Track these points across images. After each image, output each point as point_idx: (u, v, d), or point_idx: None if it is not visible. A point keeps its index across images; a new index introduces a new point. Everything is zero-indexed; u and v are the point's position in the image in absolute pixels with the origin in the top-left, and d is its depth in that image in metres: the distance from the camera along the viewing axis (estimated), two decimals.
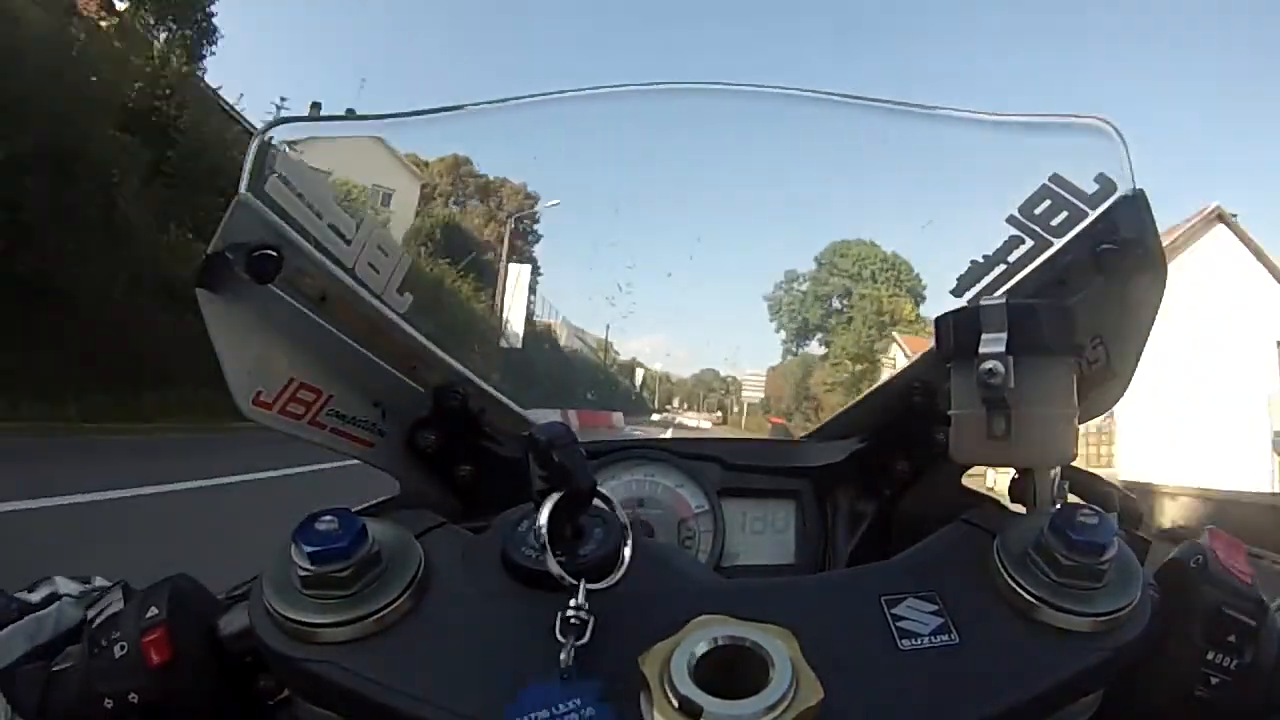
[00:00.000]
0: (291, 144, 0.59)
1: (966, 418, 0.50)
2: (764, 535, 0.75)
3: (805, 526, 0.74)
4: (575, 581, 0.40)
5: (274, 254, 0.56)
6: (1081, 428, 0.52)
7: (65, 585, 0.52)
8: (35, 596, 0.50)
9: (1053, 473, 0.51)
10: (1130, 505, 0.61)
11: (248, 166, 0.54)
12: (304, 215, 0.57)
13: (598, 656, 0.38)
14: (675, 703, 0.32)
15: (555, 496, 0.42)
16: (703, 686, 0.33)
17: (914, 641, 0.40)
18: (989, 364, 0.46)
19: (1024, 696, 0.38)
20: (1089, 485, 0.60)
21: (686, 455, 0.76)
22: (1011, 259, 0.61)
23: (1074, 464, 0.54)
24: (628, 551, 0.43)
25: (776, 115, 0.68)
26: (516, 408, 0.75)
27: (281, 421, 0.61)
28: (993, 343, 0.46)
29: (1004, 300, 0.47)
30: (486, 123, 0.65)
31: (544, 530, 0.41)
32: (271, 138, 0.55)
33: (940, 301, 0.61)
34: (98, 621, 0.46)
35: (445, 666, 0.39)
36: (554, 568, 0.40)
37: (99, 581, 0.53)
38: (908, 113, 0.63)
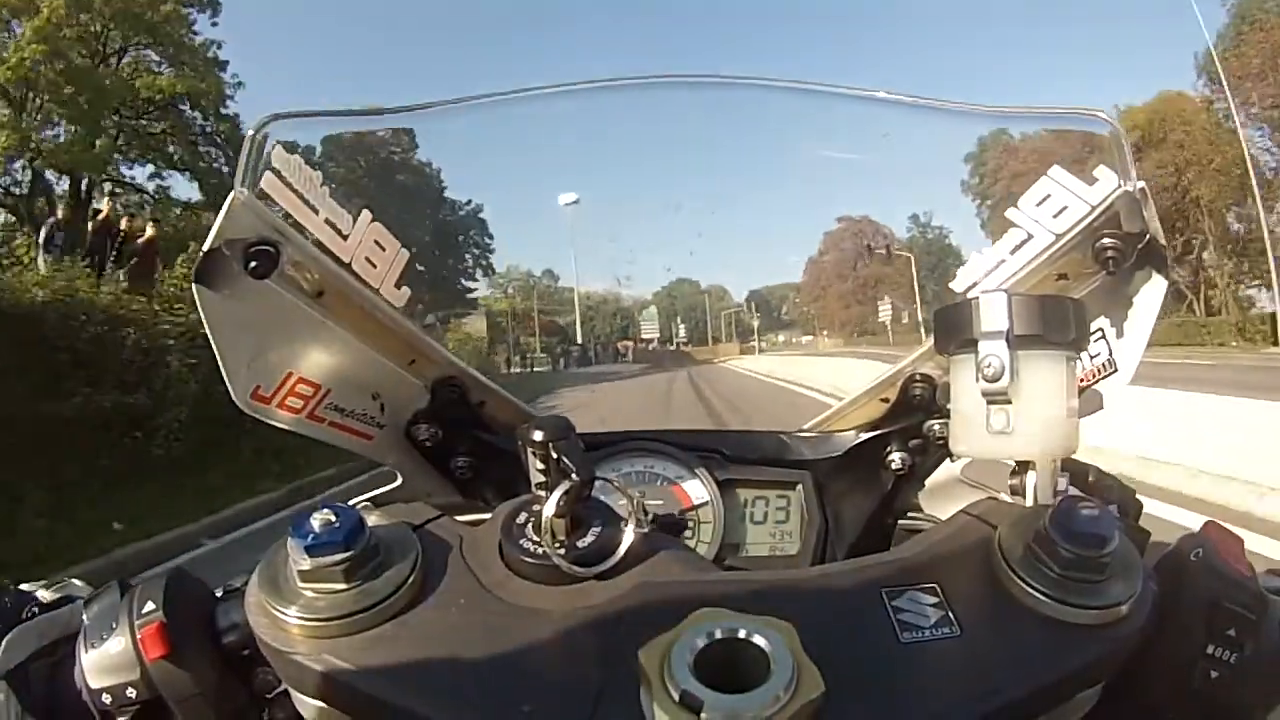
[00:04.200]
0: (287, 139, 0.58)
1: (966, 411, 0.49)
2: (765, 527, 0.75)
3: (806, 519, 0.74)
4: (580, 574, 0.40)
5: (271, 249, 0.55)
6: None
7: (80, 589, 0.52)
8: (50, 596, 0.50)
9: (1053, 465, 0.51)
10: (1129, 498, 0.61)
11: (243, 162, 0.54)
12: (300, 210, 0.56)
13: (596, 650, 0.38)
14: (675, 696, 0.32)
15: (561, 490, 0.42)
16: (703, 680, 0.32)
17: (915, 634, 0.40)
18: (988, 357, 0.46)
19: (1025, 689, 0.38)
20: (1089, 478, 0.60)
21: (687, 447, 0.76)
22: (1012, 252, 0.60)
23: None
24: (627, 544, 0.43)
25: (773, 106, 0.68)
26: (516, 400, 0.74)
27: (280, 416, 0.61)
28: (992, 336, 0.46)
29: (1004, 293, 0.47)
30: (485, 117, 0.65)
31: (547, 524, 0.41)
32: (267, 133, 0.55)
33: None
34: (95, 617, 0.46)
35: (443, 659, 0.39)
36: (560, 562, 0.40)
37: None
38: (907, 105, 0.62)
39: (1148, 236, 0.56)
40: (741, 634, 0.35)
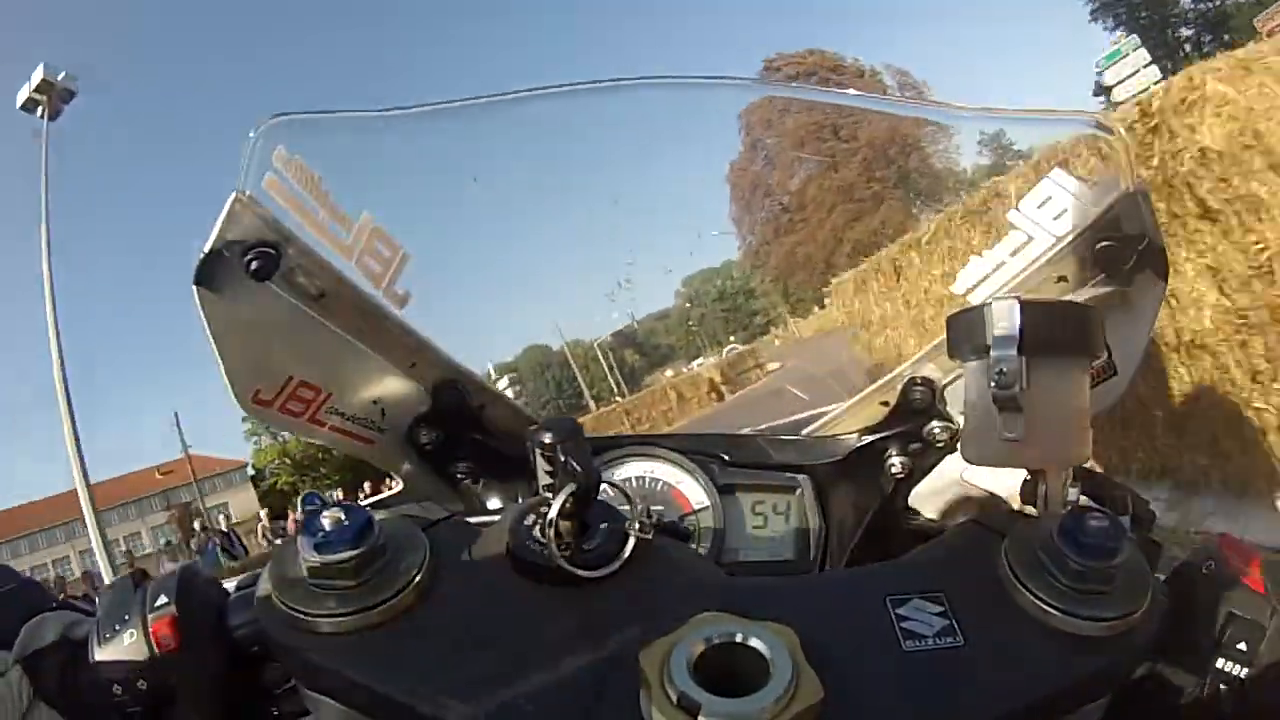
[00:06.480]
0: (288, 140, 0.58)
1: (978, 418, 0.49)
2: (765, 531, 0.74)
3: (806, 523, 0.73)
4: (585, 575, 0.39)
5: (272, 251, 0.55)
6: None
7: None
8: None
9: (1064, 474, 0.50)
10: (1142, 508, 0.60)
11: (244, 163, 0.54)
12: (302, 211, 0.56)
13: (598, 651, 0.38)
14: (674, 699, 0.32)
15: (566, 492, 0.42)
16: (702, 683, 0.32)
17: (918, 643, 0.39)
18: (1000, 364, 0.45)
19: (1028, 701, 0.37)
20: (1101, 487, 0.59)
21: (687, 451, 0.75)
22: (1013, 255, 0.60)
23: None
24: (630, 548, 0.43)
25: (769, 107, 0.68)
26: (517, 404, 0.74)
27: (281, 420, 0.61)
28: (1004, 342, 0.46)
29: (1016, 299, 0.46)
30: (484, 118, 0.65)
31: (553, 526, 0.41)
32: (268, 133, 0.55)
33: None
34: (109, 609, 0.46)
35: (449, 659, 0.39)
36: (563, 564, 0.40)
37: None
38: (911, 107, 0.62)
39: (1147, 239, 0.56)
40: (740, 638, 0.34)
